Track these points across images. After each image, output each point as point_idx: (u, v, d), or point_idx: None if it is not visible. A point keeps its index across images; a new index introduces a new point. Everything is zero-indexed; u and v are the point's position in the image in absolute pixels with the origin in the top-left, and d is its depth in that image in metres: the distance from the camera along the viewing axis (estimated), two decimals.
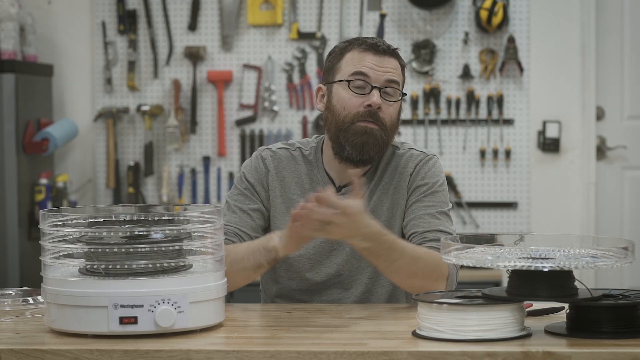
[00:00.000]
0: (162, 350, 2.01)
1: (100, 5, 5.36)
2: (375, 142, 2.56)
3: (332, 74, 2.63)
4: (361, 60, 2.57)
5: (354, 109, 2.56)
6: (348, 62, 2.59)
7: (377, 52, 2.57)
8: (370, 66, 2.57)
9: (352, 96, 2.57)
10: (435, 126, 5.25)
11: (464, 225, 5.21)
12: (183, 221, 2.22)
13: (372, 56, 2.57)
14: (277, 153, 2.69)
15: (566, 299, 2.07)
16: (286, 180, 2.66)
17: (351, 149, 2.56)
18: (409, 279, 2.45)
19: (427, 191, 2.63)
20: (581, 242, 2.20)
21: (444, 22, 5.23)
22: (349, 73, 2.58)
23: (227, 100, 5.34)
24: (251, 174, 2.68)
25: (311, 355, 1.98)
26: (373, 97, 2.54)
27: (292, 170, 2.67)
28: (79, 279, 2.12)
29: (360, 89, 2.57)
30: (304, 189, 2.65)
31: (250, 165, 2.70)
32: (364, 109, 2.55)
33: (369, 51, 2.58)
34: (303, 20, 5.30)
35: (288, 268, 2.63)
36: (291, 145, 2.71)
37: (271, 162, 2.68)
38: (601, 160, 5.30)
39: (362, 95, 2.56)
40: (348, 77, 2.57)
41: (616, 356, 1.93)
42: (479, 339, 2.01)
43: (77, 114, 5.39)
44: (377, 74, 2.56)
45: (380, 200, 2.64)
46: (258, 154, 2.71)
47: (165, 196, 5.29)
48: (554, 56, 5.18)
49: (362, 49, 2.58)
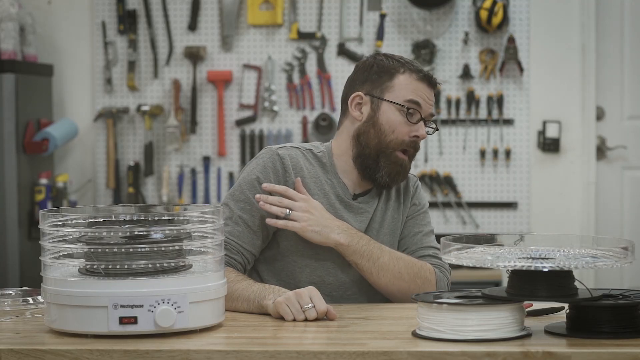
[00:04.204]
0: (162, 350, 2.01)
1: (100, 5, 5.36)
2: (405, 174, 2.64)
3: (380, 89, 2.60)
4: (417, 89, 2.59)
5: (402, 135, 2.59)
6: (403, 86, 2.59)
7: (430, 84, 2.62)
8: (424, 97, 2.60)
9: (404, 123, 2.59)
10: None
11: (464, 225, 5.21)
12: (183, 221, 2.22)
13: (426, 88, 2.61)
14: (292, 152, 2.62)
15: (566, 299, 2.07)
16: (306, 181, 2.61)
17: (386, 175, 2.60)
18: (395, 280, 2.53)
19: (420, 210, 2.72)
20: (581, 242, 2.20)
21: (444, 22, 5.23)
22: (405, 98, 2.59)
23: (227, 100, 5.34)
24: (266, 176, 2.57)
25: (311, 355, 1.98)
26: (422, 129, 2.59)
27: (308, 171, 2.62)
28: (78, 279, 2.12)
29: (412, 117, 2.59)
30: (323, 190, 2.62)
31: (264, 166, 2.58)
32: (410, 139, 2.59)
33: (424, 81, 2.60)
34: (303, 20, 5.29)
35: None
36: (301, 146, 2.66)
37: (289, 161, 2.60)
38: (601, 160, 5.30)
39: (412, 124, 2.59)
40: (404, 102, 2.59)
41: (616, 356, 1.93)
42: (479, 339, 2.01)
43: (77, 114, 5.39)
44: (427, 107, 2.61)
45: (388, 215, 2.68)
46: (274, 153, 2.59)
47: (165, 196, 5.29)
48: (554, 56, 5.18)
49: (418, 77, 2.60)
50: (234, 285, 2.40)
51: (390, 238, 2.66)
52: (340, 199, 2.63)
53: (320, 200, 2.59)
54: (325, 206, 2.58)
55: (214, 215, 2.22)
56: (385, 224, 2.67)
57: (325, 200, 2.60)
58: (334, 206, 2.61)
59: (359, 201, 2.64)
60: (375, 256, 2.53)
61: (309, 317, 2.28)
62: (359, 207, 2.64)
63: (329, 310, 2.30)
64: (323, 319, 2.29)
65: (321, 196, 2.60)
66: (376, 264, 2.53)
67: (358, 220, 2.62)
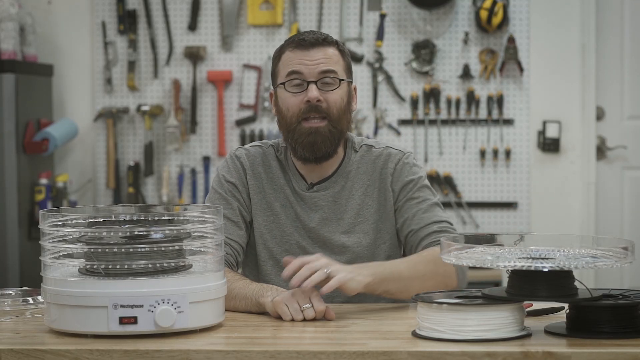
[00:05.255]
0: (162, 350, 2.01)
1: (100, 5, 5.36)
2: (324, 138, 2.59)
3: (274, 78, 2.67)
4: (293, 59, 2.60)
5: (296, 107, 2.59)
6: (283, 64, 2.62)
7: (304, 47, 2.60)
8: (302, 62, 2.59)
9: (291, 96, 2.60)
10: (435, 126, 5.25)
11: (464, 225, 5.21)
12: (183, 221, 2.22)
13: (301, 52, 2.60)
14: (250, 151, 2.72)
15: (566, 299, 2.07)
16: (261, 177, 2.69)
17: (302, 149, 2.61)
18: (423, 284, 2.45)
19: (413, 188, 2.66)
20: (581, 242, 2.20)
21: (444, 22, 5.23)
22: (284, 75, 2.61)
23: (227, 100, 5.34)
24: (230, 173, 2.70)
25: (311, 355, 1.98)
26: (309, 92, 2.58)
27: (266, 167, 2.70)
28: (78, 279, 2.12)
29: (298, 87, 2.60)
30: (279, 185, 2.68)
31: (227, 165, 2.71)
32: (305, 105, 2.58)
33: (297, 49, 2.61)
34: (303, 20, 5.29)
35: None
36: (264, 143, 2.75)
37: (246, 160, 2.70)
38: (601, 160, 5.30)
39: (300, 93, 2.59)
40: (284, 79, 2.61)
41: (616, 356, 1.93)
42: (479, 339, 2.01)
43: (77, 114, 5.39)
44: (309, 69, 2.59)
45: (366, 203, 2.67)
46: (232, 154, 2.73)
47: (165, 196, 5.29)
48: (554, 56, 5.18)
49: (291, 47, 2.61)
50: (231, 284, 2.40)
51: (376, 226, 2.65)
52: (295, 192, 2.67)
53: (276, 195, 2.66)
54: (281, 200, 2.66)
55: (214, 215, 2.22)
56: (367, 213, 2.65)
57: (281, 195, 2.67)
58: (288, 199, 2.67)
59: (315, 189, 2.66)
60: (397, 273, 2.43)
61: (307, 316, 2.28)
62: (313, 197, 2.65)
63: (328, 310, 2.30)
64: (322, 319, 2.29)
65: (276, 192, 2.67)
66: (401, 280, 2.43)
67: (311, 214, 2.65)
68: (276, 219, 2.67)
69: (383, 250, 2.67)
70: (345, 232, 2.65)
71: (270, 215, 2.68)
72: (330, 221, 2.66)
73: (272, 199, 2.68)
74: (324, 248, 2.64)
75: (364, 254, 2.64)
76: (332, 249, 2.64)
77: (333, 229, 2.66)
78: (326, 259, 2.36)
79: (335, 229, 2.65)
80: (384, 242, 2.67)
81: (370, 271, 2.39)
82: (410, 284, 2.44)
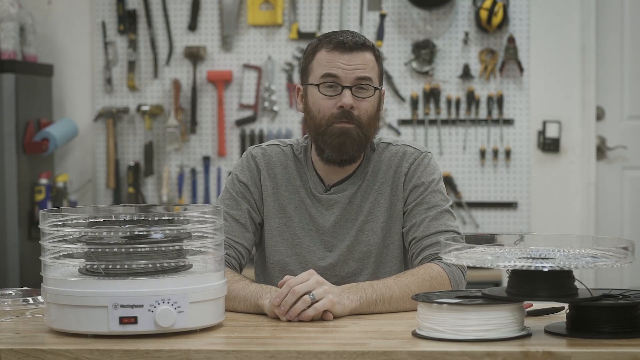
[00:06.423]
0: (162, 350, 2.01)
1: (100, 5, 5.36)
2: (352, 141, 2.55)
3: (306, 75, 2.61)
4: (330, 61, 2.55)
5: (327, 111, 2.55)
6: (318, 64, 2.57)
7: (344, 49, 2.54)
8: (339, 66, 2.54)
9: (324, 99, 2.55)
10: (435, 126, 5.25)
11: (464, 225, 5.21)
12: (183, 221, 2.22)
13: (340, 55, 2.55)
14: (267, 150, 2.68)
15: (566, 299, 2.07)
16: (277, 178, 2.66)
17: (330, 150, 2.57)
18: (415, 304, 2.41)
19: (424, 191, 2.61)
20: (581, 242, 2.20)
21: (444, 22, 5.23)
22: (319, 75, 2.56)
23: (227, 100, 5.34)
24: (244, 173, 2.66)
25: (311, 355, 1.98)
26: (344, 98, 2.53)
27: (282, 168, 2.66)
28: (79, 279, 2.12)
29: (332, 90, 2.55)
30: (294, 187, 2.65)
31: (241, 165, 2.68)
32: (337, 110, 2.54)
33: (336, 50, 2.55)
34: (303, 20, 5.30)
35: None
36: (282, 142, 2.71)
37: (262, 159, 2.66)
38: (601, 160, 5.30)
39: (334, 97, 2.55)
40: (318, 80, 2.56)
41: (616, 356, 1.93)
42: (479, 339, 2.01)
43: (77, 114, 5.39)
44: (346, 73, 2.54)
45: (378, 201, 2.64)
46: (248, 153, 2.69)
47: (165, 196, 5.29)
48: (554, 56, 5.18)
49: (329, 48, 2.55)
50: (230, 285, 2.40)
51: (386, 225, 2.61)
52: (311, 194, 2.63)
53: (290, 198, 2.63)
54: (295, 203, 2.63)
55: (214, 215, 2.22)
56: (378, 211, 2.62)
57: (295, 197, 2.64)
58: (303, 202, 2.63)
59: (332, 191, 2.63)
60: (387, 296, 2.38)
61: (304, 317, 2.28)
62: (330, 199, 2.62)
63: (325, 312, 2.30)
64: (320, 319, 2.29)
65: (291, 194, 2.64)
66: (391, 302, 2.39)
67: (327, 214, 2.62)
68: (288, 222, 2.64)
69: (391, 251, 2.64)
70: (357, 231, 2.63)
71: (282, 217, 2.65)
72: (346, 221, 2.63)
73: (286, 201, 2.64)
74: (333, 251, 2.63)
75: (371, 254, 2.62)
76: (342, 251, 2.63)
77: (347, 229, 2.63)
78: (314, 280, 2.29)
79: (350, 228, 2.63)
80: (393, 243, 2.64)
81: (359, 295, 2.35)
82: (400, 305, 2.40)
